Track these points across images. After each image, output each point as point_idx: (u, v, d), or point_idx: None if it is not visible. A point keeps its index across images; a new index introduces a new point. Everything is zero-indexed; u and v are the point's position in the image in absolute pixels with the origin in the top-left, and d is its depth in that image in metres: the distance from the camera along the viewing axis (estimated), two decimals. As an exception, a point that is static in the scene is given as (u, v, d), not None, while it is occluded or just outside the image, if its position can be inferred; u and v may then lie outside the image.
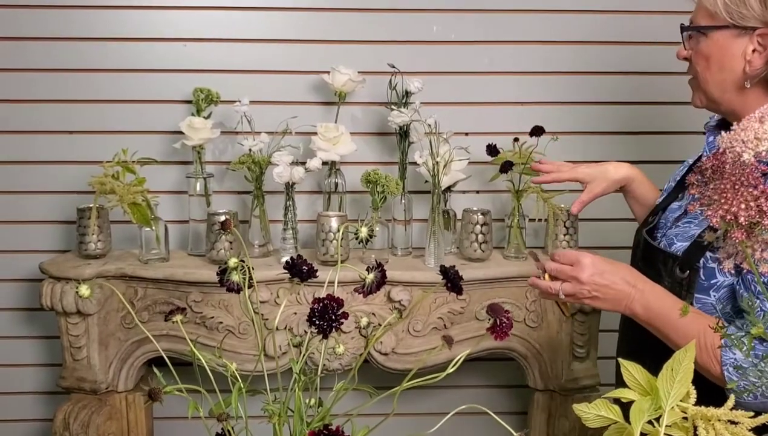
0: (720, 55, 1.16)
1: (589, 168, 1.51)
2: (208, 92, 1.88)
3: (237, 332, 1.80)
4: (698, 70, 1.20)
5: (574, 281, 1.15)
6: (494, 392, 2.14)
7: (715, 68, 1.17)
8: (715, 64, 1.17)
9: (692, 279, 1.14)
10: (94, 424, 1.81)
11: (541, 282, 1.20)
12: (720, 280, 1.12)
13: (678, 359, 0.79)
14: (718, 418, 0.76)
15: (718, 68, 1.17)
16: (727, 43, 1.15)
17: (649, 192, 1.48)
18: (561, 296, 1.17)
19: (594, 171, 1.49)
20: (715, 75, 1.17)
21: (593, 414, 0.80)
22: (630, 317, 1.16)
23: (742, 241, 0.64)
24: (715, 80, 1.18)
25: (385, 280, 0.97)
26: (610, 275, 1.14)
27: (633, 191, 1.49)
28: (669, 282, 1.17)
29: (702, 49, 1.18)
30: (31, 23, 1.94)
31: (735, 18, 1.13)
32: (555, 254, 1.20)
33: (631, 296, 1.14)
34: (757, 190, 0.62)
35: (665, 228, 1.27)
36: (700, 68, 1.19)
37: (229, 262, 0.93)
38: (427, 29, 2.00)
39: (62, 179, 1.99)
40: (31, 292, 2.02)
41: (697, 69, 1.21)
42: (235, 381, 0.86)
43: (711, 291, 1.13)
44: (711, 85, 1.19)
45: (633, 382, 0.81)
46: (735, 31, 1.13)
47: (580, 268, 1.15)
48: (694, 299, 1.14)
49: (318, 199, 2.02)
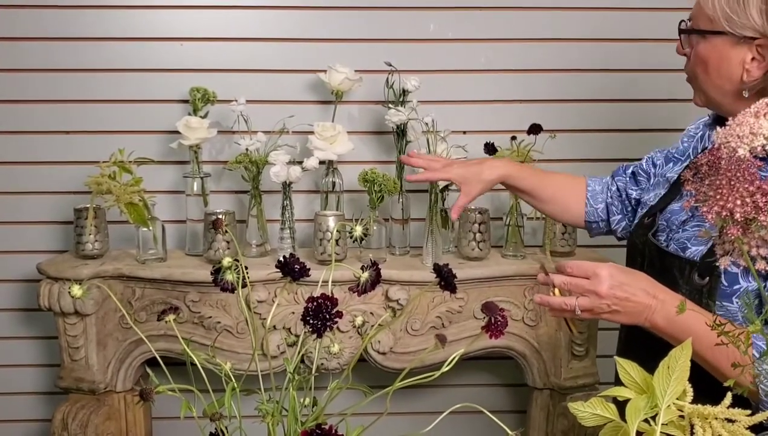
0: (718, 61, 1.13)
1: (462, 168, 1.43)
2: (204, 92, 1.87)
3: (235, 331, 1.79)
4: (697, 72, 1.18)
5: (592, 296, 1.06)
6: (493, 390, 2.14)
7: (713, 73, 1.15)
8: (713, 70, 1.14)
9: (713, 285, 1.08)
10: (93, 424, 1.80)
11: (552, 299, 1.10)
12: (744, 285, 1.06)
13: (674, 356, 0.78)
14: (715, 416, 0.76)
15: (717, 74, 1.14)
16: (726, 49, 1.12)
17: (533, 185, 1.43)
18: (577, 312, 1.07)
19: (467, 172, 1.42)
20: (714, 80, 1.15)
21: (589, 413, 0.80)
22: (649, 329, 1.08)
23: (738, 237, 0.63)
24: (714, 85, 1.16)
25: (380, 278, 0.96)
26: (629, 287, 1.06)
27: (515, 187, 1.45)
28: (687, 290, 1.11)
29: (700, 51, 1.16)
30: (27, 23, 1.94)
31: (735, 27, 1.10)
32: (567, 265, 1.09)
33: (652, 307, 1.05)
34: (752, 186, 0.62)
35: (670, 231, 1.21)
36: (699, 71, 1.17)
37: (223, 261, 0.92)
38: (424, 27, 1.99)
39: (59, 180, 1.99)
40: (28, 292, 2.02)
41: (696, 71, 1.18)
42: (228, 381, 0.85)
43: (734, 298, 1.07)
44: (710, 90, 1.17)
45: (629, 380, 0.80)
46: (733, 39, 1.11)
47: (598, 281, 1.05)
48: (716, 306, 1.08)
49: (315, 198, 2.01)
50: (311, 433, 0.76)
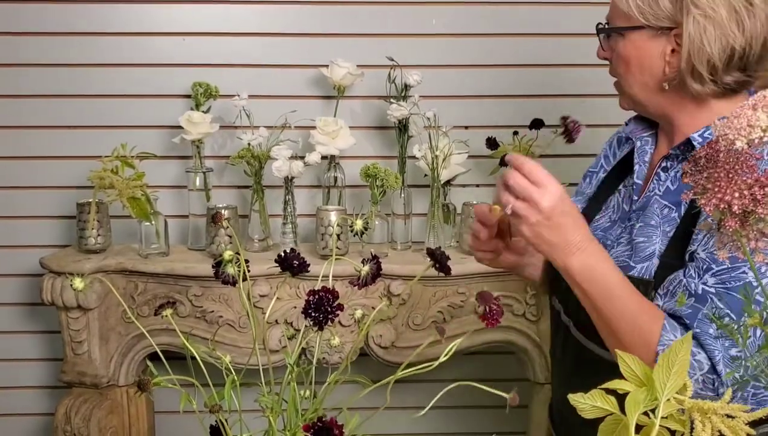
0: (639, 57, 1.10)
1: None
2: (206, 86, 1.88)
3: (237, 326, 1.80)
4: (620, 72, 1.14)
5: (531, 203, 0.99)
6: (494, 385, 2.13)
7: (635, 70, 1.11)
8: (635, 66, 1.11)
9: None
10: (96, 418, 1.81)
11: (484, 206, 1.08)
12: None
13: (674, 350, 0.78)
14: (714, 411, 0.76)
15: (639, 70, 1.11)
16: (645, 44, 1.09)
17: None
18: (507, 211, 1.01)
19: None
20: (637, 77, 1.11)
21: (589, 405, 0.80)
22: (560, 270, 1.03)
23: (736, 230, 0.63)
24: (638, 82, 1.12)
25: (380, 272, 0.97)
26: (567, 218, 1.00)
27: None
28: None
29: (621, 50, 1.12)
30: (28, 18, 1.94)
31: (649, 18, 1.07)
32: (525, 164, 1.00)
33: (576, 246, 0.99)
34: (750, 179, 0.62)
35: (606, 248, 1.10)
36: (621, 71, 1.14)
37: (224, 254, 0.92)
38: (426, 22, 1.99)
39: (61, 174, 1.99)
40: (31, 287, 2.02)
41: (619, 71, 1.15)
42: (228, 374, 0.86)
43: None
44: (635, 88, 1.13)
45: (629, 373, 0.80)
46: (651, 32, 1.08)
47: (544, 193, 0.98)
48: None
49: (317, 193, 2.02)
50: (313, 426, 0.76)
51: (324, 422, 0.77)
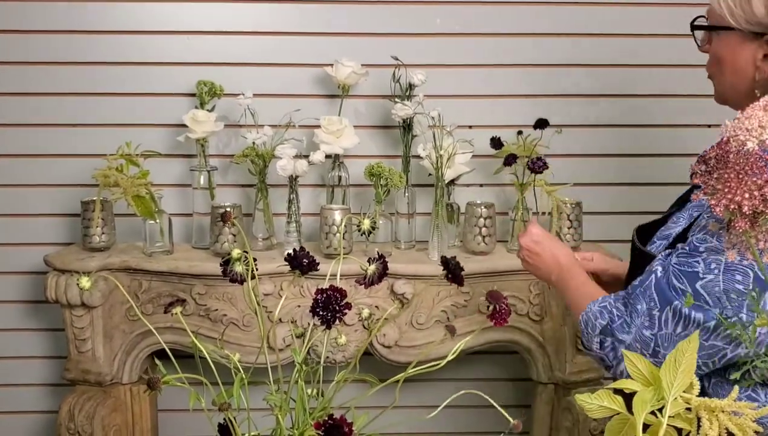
0: (731, 58, 1.10)
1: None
2: (211, 85, 1.88)
3: (241, 324, 1.80)
4: (713, 71, 1.16)
5: (519, 244, 1.34)
6: (498, 384, 2.14)
7: (728, 71, 1.12)
8: (728, 67, 1.12)
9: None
10: (99, 416, 1.81)
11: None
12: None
13: (681, 349, 0.79)
14: (721, 409, 0.76)
15: (731, 71, 1.11)
16: (737, 46, 1.09)
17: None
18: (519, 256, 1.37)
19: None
20: (728, 78, 1.12)
21: (596, 405, 0.80)
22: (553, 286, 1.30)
23: (746, 230, 0.63)
24: (728, 83, 1.13)
25: (386, 271, 0.97)
26: (542, 246, 1.29)
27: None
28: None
29: (714, 49, 1.14)
30: (35, 16, 1.94)
31: (740, 22, 1.07)
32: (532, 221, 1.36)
33: (555, 271, 1.27)
34: (761, 180, 0.62)
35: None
36: (714, 70, 1.15)
37: (232, 253, 0.93)
38: (431, 21, 1.99)
39: (66, 172, 1.99)
40: (35, 285, 2.03)
41: (712, 69, 1.16)
42: (237, 372, 0.86)
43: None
44: (725, 87, 1.14)
45: (636, 372, 0.81)
46: (743, 35, 1.08)
47: (525, 234, 1.32)
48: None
49: (321, 192, 2.02)
50: (323, 424, 0.76)
51: (334, 420, 0.77)
